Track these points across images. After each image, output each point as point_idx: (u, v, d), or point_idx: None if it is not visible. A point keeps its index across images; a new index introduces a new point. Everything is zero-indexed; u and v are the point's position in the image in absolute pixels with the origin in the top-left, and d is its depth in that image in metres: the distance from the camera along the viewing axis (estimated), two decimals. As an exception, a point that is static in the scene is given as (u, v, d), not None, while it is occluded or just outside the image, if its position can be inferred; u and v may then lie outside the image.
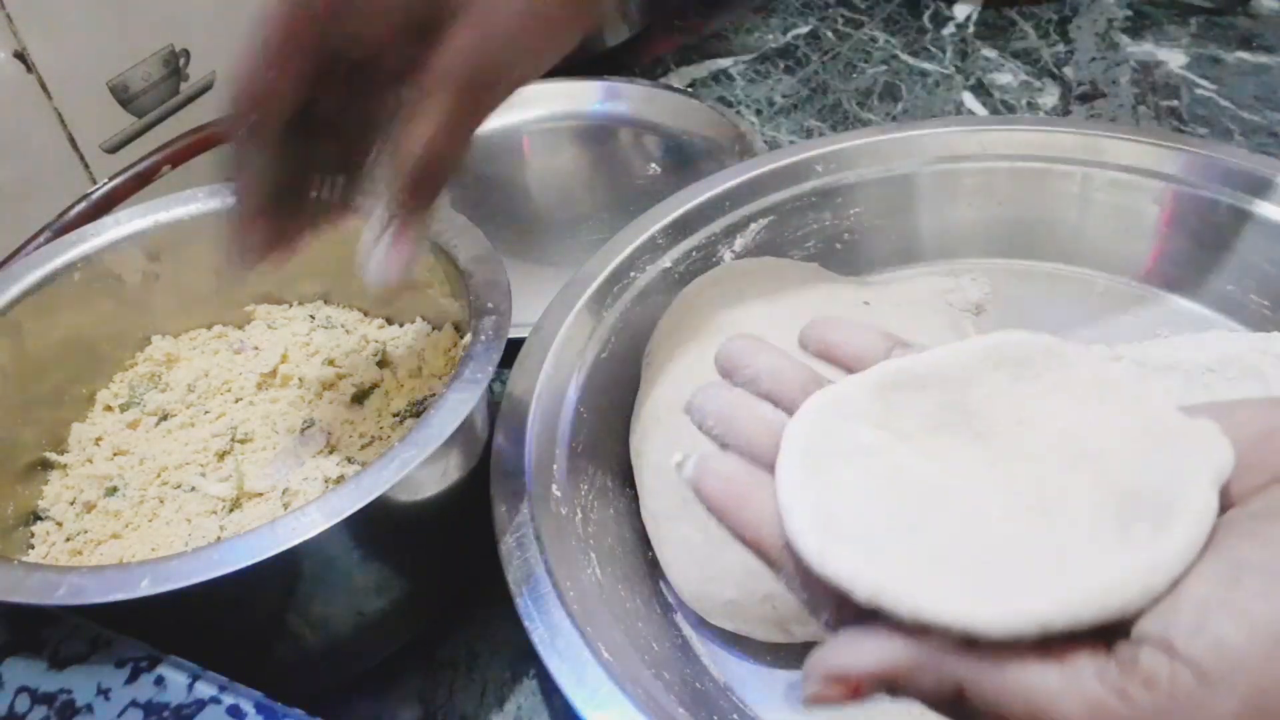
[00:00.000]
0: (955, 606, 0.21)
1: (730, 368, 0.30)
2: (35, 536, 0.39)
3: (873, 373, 0.27)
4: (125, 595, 0.29)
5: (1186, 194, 0.51)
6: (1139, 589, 0.21)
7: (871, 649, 0.22)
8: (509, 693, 0.40)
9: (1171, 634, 0.20)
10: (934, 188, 0.55)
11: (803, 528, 0.24)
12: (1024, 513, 0.23)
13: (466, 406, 0.34)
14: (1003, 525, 0.22)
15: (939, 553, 0.22)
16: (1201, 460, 0.22)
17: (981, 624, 0.21)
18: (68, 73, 0.53)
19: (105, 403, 0.43)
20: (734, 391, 0.29)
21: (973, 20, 0.82)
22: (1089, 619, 0.21)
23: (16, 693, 0.31)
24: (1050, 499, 0.23)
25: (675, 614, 0.41)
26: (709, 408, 0.29)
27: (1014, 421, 0.25)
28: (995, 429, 0.25)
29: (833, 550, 0.23)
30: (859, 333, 0.29)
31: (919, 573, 0.22)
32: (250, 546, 0.30)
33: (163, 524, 0.38)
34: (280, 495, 0.38)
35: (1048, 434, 0.24)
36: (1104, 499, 0.23)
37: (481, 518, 0.38)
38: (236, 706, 0.30)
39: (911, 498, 0.24)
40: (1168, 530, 0.21)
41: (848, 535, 0.23)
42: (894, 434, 0.25)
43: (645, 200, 0.52)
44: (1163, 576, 0.21)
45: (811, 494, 0.24)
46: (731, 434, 0.28)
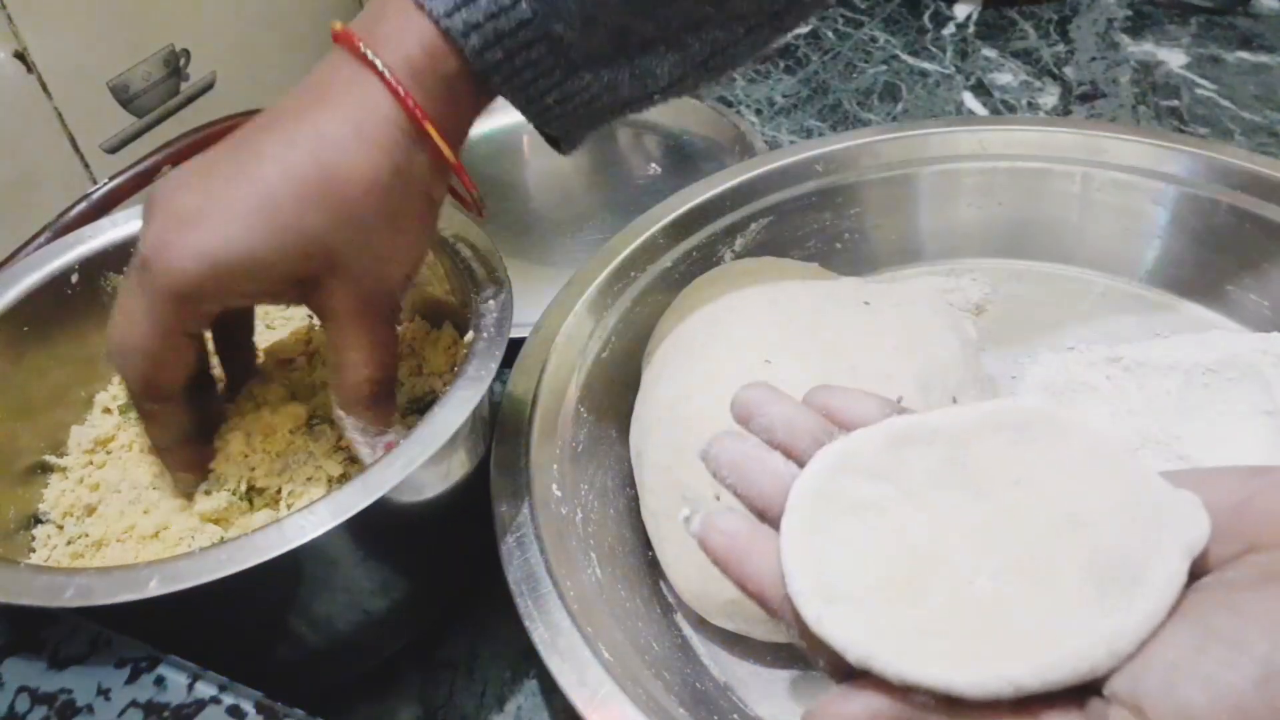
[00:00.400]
0: (937, 670, 0.23)
1: (746, 416, 0.31)
2: (36, 540, 0.38)
3: (884, 426, 0.29)
4: (134, 596, 0.29)
5: (1187, 194, 0.51)
6: (1105, 653, 0.23)
7: (861, 706, 0.24)
8: (509, 693, 0.40)
9: (1140, 694, 0.22)
10: (934, 188, 0.55)
11: (803, 589, 0.26)
12: (1011, 575, 0.25)
13: (470, 404, 0.34)
14: (990, 586, 0.25)
15: (927, 617, 0.24)
16: (1176, 532, 0.24)
17: (960, 686, 0.23)
18: (68, 73, 0.53)
19: (104, 405, 0.43)
20: (747, 442, 0.30)
21: (973, 20, 0.82)
22: (1059, 681, 0.23)
23: (16, 693, 0.31)
24: (1036, 561, 0.25)
25: (675, 614, 0.41)
26: (723, 458, 0.30)
27: (1010, 482, 0.27)
28: (993, 488, 0.27)
29: (829, 615, 0.25)
30: (859, 399, 0.31)
31: (907, 637, 0.24)
32: (257, 546, 0.30)
33: (164, 526, 0.38)
34: (286, 495, 0.38)
35: (1040, 497, 0.26)
36: (1086, 563, 0.24)
37: (482, 517, 0.38)
38: (236, 706, 0.30)
39: (907, 558, 0.26)
40: (1134, 597, 0.23)
41: (844, 597, 0.25)
42: (898, 487, 0.27)
43: (645, 200, 0.52)
44: (1127, 642, 0.23)
45: (813, 557, 0.26)
46: (743, 484, 0.30)
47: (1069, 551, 0.25)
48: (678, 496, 0.39)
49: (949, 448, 0.28)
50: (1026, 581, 0.24)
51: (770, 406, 0.30)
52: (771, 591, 0.27)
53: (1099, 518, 0.25)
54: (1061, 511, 0.26)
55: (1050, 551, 0.25)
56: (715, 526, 0.28)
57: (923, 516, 0.26)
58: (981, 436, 0.28)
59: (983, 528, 0.26)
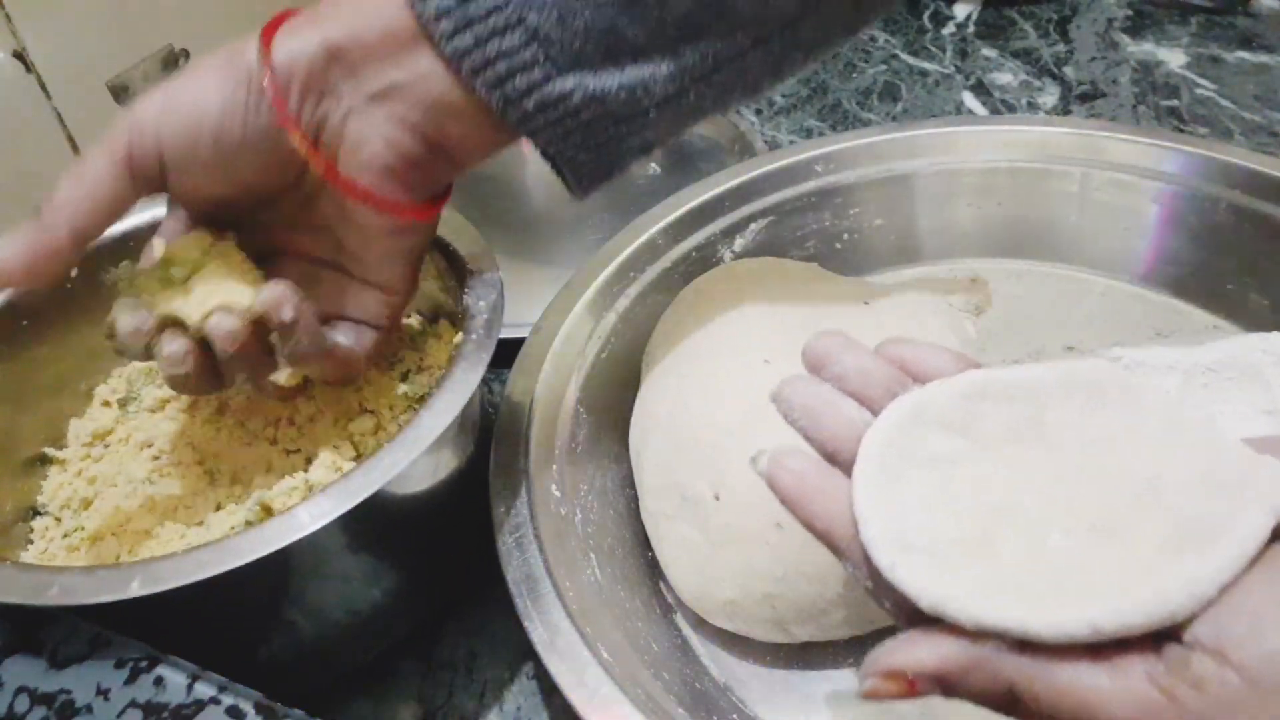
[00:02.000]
0: (1013, 614, 0.22)
1: (818, 364, 0.30)
2: (34, 532, 0.39)
3: (961, 379, 0.28)
4: (116, 596, 0.30)
5: (1186, 194, 0.51)
6: (1186, 597, 0.22)
7: (929, 649, 0.23)
8: (508, 693, 0.40)
9: (1224, 640, 0.21)
10: (934, 188, 0.55)
11: (876, 535, 0.25)
12: (1085, 532, 0.24)
13: (454, 410, 0.34)
14: (1065, 542, 0.24)
15: (1001, 568, 0.24)
16: (1262, 494, 0.24)
17: (1037, 628, 0.22)
18: (67, 72, 0.53)
19: (104, 398, 0.43)
20: (821, 386, 0.30)
21: (973, 20, 0.82)
22: (1139, 624, 0.22)
23: (16, 693, 0.31)
24: (1113, 521, 0.24)
25: (675, 614, 0.41)
26: (795, 400, 0.30)
27: (1087, 441, 0.26)
28: (1069, 447, 0.26)
29: (903, 561, 0.24)
30: (934, 353, 0.30)
31: (981, 586, 0.23)
32: (240, 548, 0.31)
33: (158, 523, 0.38)
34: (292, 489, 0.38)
35: (1118, 459, 0.26)
36: (1165, 527, 0.24)
37: (481, 517, 0.38)
38: (236, 707, 0.30)
39: (981, 510, 0.25)
40: (1216, 544, 0.23)
41: (917, 546, 0.25)
42: (973, 441, 0.27)
43: (645, 200, 0.52)
44: (1208, 586, 0.22)
45: (886, 503, 0.26)
46: (815, 427, 0.29)
47: (1147, 515, 0.24)
48: (677, 497, 0.39)
49: (1025, 405, 0.27)
50: (1103, 539, 0.24)
51: (844, 355, 0.30)
52: (841, 532, 0.26)
53: (1179, 483, 0.25)
54: (1140, 476, 0.25)
55: (1127, 513, 0.24)
56: (784, 465, 0.28)
57: (997, 471, 0.26)
58: (1058, 395, 0.27)
59: (1058, 485, 0.25)
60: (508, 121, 0.33)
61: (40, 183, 0.54)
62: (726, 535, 0.38)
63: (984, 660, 0.23)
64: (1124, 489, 0.25)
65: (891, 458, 0.27)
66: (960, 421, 0.27)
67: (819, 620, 0.38)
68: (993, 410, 0.27)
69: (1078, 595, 0.23)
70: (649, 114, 0.34)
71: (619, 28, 0.32)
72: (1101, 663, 0.22)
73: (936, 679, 0.23)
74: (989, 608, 0.23)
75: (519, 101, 0.32)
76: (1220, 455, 0.25)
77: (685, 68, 0.33)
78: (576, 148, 0.34)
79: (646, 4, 0.31)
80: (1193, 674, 0.21)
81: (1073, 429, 0.27)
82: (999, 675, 0.23)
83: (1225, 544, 0.23)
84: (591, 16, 0.31)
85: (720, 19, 0.32)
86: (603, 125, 0.33)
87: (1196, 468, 0.25)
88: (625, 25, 0.32)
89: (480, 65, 0.32)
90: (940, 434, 0.27)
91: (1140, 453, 0.26)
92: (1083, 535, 0.24)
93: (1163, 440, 0.26)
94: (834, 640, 0.39)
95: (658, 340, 0.46)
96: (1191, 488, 0.25)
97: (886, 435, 0.27)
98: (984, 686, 0.23)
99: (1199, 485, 0.25)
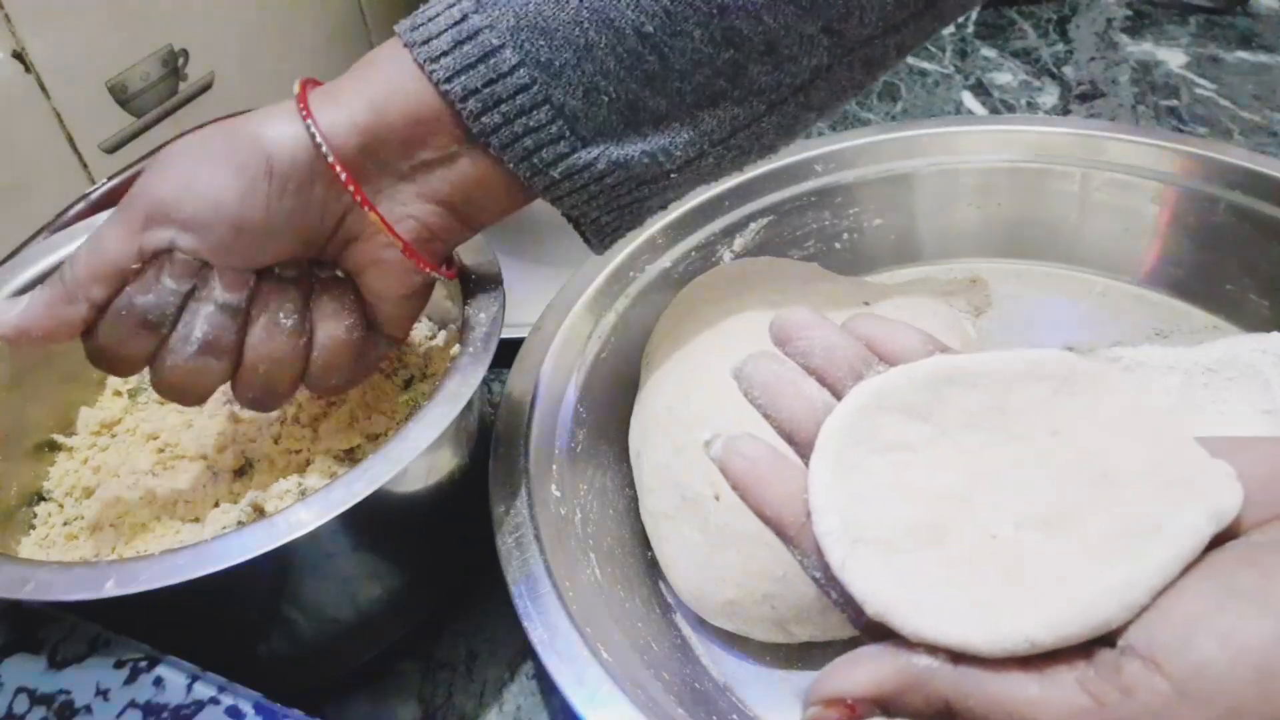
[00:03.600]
0: (952, 628, 0.23)
1: (784, 338, 0.30)
2: (38, 517, 0.39)
3: (926, 364, 0.28)
4: (90, 595, 0.30)
5: (1186, 194, 0.51)
6: (1118, 605, 0.22)
7: (866, 673, 0.24)
8: (508, 693, 0.40)
9: (1156, 647, 0.22)
10: (933, 187, 0.55)
11: (830, 529, 0.25)
12: (1036, 525, 0.24)
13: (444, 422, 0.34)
14: (1013, 535, 0.24)
15: (948, 565, 0.24)
16: (1205, 498, 0.24)
17: (976, 644, 0.23)
18: (66, 72, 0.53)
19: (115, 388, 0.43)
20: (783, 365, 0.30)
21: (972, 20, 0.82)
22: (1074, 635, 0.22)
23: (15, 693, 0.31)
24: (1063, 513, 0.25)
25: (674, 614, 0.41)
26: (756, 378, 0.30)
27: (1048, 431, 0.26)
28: (1030, 436, 0.26)
29: (853, 559, 0.25)
30: (903, 330, 0.30)
31: (925, 588, 0.24)
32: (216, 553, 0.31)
33: (155, 517, 0.38)
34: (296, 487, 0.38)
35: (1075, 449, 0.26)
36: (1111, 519, 0.24)
37: (481, 517, 0.38)
38: (235, 707, 0.30)
39: (936, 498, 0.25)
40: (1153, 548, 0.23)
41: (868, 538, 0.25)
42: (934, 427, 0.27)
43: (644, 200, 0.52)
44: (1139, 593, 0.22)
45: (841, 493, 0.26)
46: (774, 407, 0.29)
47: (1097, 506, 0.25)
48: (677, 497, 0.39)
49: (990, 392, 0.27)
50: (1050, 533, 0.24)
51: (811, 330, 0.30)
52: (790, 519, 0.27)
53: (1130, 477, 0.25)
54: (1095, 466, 0.25)
55: (1079, 504, 0.25)
56: (737, 450, 0.28)
57: (955, 458, 0.26)
58: (1024, 384, 0.27)
59: (1014, 474, 0.26)
60: (534, 189, 0.34)
61: (39, 183, 0.54)
62: (726, 535, 0.38)
63: (919, 681, 0.23)
64: (1079, 479, 0.25)
65: (850, 445, 0.27)
66: (923, 407, 0.27)
67: (819, 620, 0.38)
68: (956, 396, 0.27)
69: (1018, 602, 0.23)
70: (670, 176, 0.35)
71: (641, 100, 0.33)
72: (1032, 671, 0.22)
73: (874, 702, 0.24)
74: (931, 620, 0.23)
75: (546, 171, 0.33)
76: (1174, 452, 0.25)
77: (704, 133, 0.34)
78: (600, 209, 0.35)
79: (667, 76, 0.32)
80: (1123, 680, 0.21)
81: (1035, 417, 0.27)
82: (935, 694, 0.23)
83: (1161, 549, 0.23)
84: (615, 91, 0.32)
85: (736, 87, 0.33)
86: (626, 188, 0.35)
87: (1149, 462, 0.25)
88: (647, 97, 0.33)
89: (509, 141, 0.33)
90: (901, 420, 0.27)
91: (1098, 443, 0.26)
92: (1032, 528, 0.24)
93: (1122, 432, 0.26)
94: (834, 640, 0.39)
95: (657, 340, 0.46)
96: (1141, 482, 0.25)
97: (846, 422, 0.27)
98: (920, 706, 0.23)
99: (1149, 481, 0.25)
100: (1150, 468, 0.25)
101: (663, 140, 0.34)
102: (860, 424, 0.27)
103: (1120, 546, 0.23)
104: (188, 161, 0.33)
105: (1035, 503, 0.25)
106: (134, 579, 0.30)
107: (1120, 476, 0.25)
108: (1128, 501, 0.24)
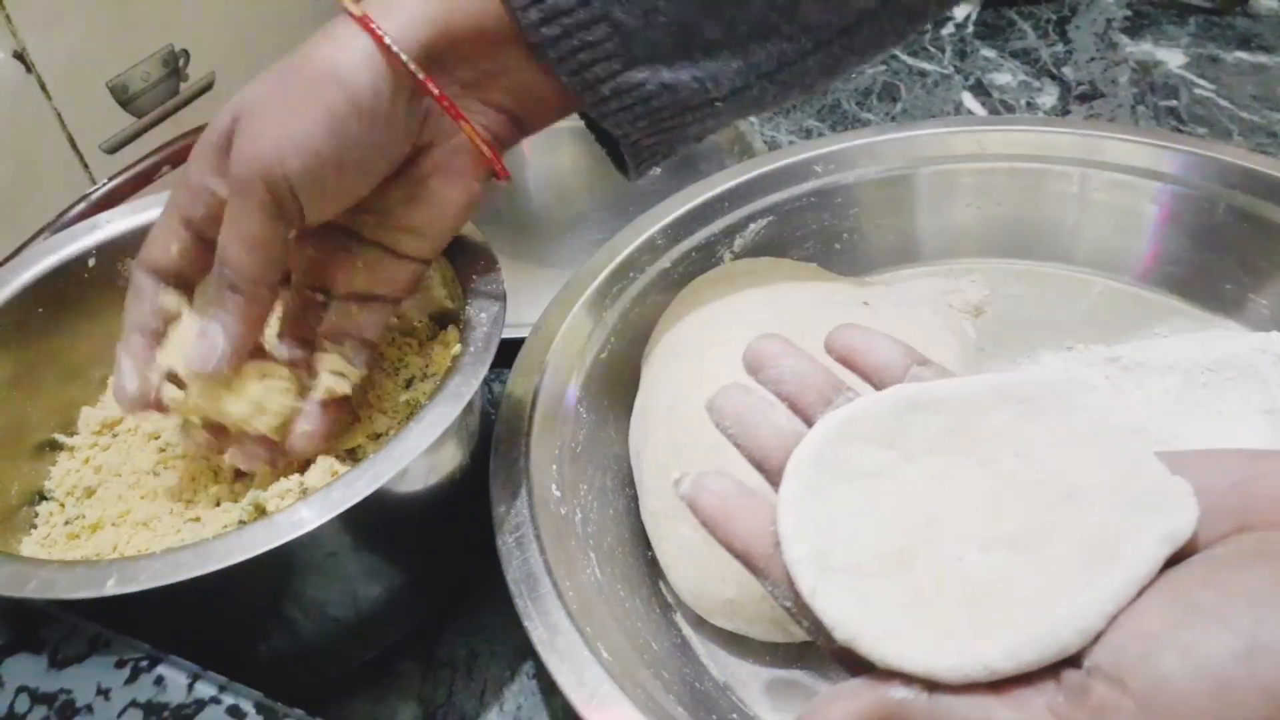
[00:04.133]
0: (917, 655, 0.23)
1: (756, 366, 0.31)
2: (39, 517, 0.39)
3: (892, 392, 0.29)
4: (92, 593, 0.30)
5: (1185, 194, 0.51)
6: (1074, 631, 0.23)
7: (841, 710, 0.24)
8: (508, 693, 0.40)
9: (1120, 666, 0.22)
10: (933, 188, 0.55)
11: (800, 558, 0.26)
12: (1002, 548, 0.25)
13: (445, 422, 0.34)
14: (979, 559, 0.25)
15: (915, 590, 0.25)
16: (1161, 518, 0.24)
17: (939, 672, 0.23)
18: (67, 73, 0.53)
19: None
20: (753, 395, 0.30)
21: (972, 20, 0.82)
22: (1033, 662, 0.23)
23: (16, 693, 0.31)
24: (1029, 535, 0.25)
25: (675, 613, 0.41)
26: (727, 409, 0.30)
27: (1013, 454, 0.27)
28: (995, 458, 0.27)
29: (823, 587, 0.25)
30: (883, 344, 0.30)
31: (893, 615, 0.24)
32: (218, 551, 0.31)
33: (156, 516, 0.38)
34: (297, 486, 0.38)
35: (1041, 470, 0.26)
36: (1074, 540, 0.25)
37: (481, 517, 0.38)
38: (236, 707, 0.30)
39: (904, 524, 0.26)
40: (1110, 571, 0.23)
41: (837, 565, 0.25)
42: (901, 453, 0.27)
43: (645, 200, 0.52)
44: (1094, 619, 0.23)
45: (811, 521, 0.26)
46: (745, 436, 0.30)
47: (1062, 527, 0.25)
48: (677, 497, 0.39)
49: (955, 417, 0.28)
50: (1016, 555, 0.25)
51: (782, 360, 0.31)
52: (759, 550, 0.27)
53: (1094, 495, 0.25)
54: (1059, 486, 0.26)
55: (1044, 525, 0.25)
56: (705, 487, 0.29)
57: (922, 483, 0.27)
58: (990, 407, 0.28)
59: (981, 498, 0.26)
60: (584, 102, 0.36)
61: (39, 183, 0.54)
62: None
63: (896, 713, 0.24)
64: (1042, 500, 0.26)
65: (818, 474, 0.27)
66: (890, 434, 0.28)
67: (819, 620, 0.38)
68: (922, 422, 0.28)
69: (981, 627, 0.23)
70: (714, 104, 0.36)
71: (697, 26, 0.34)
72: (1004, 696, 0.23)
73: None
74: (896, 647, 0.24)
75: (596, 87, 0.35)
76: (1136, 470, 0.26)
77: (753, 65, 0.36)
78: (642, 131, 0.37)
79: (724, 5, 0.34)
80: (1091, 701, 0.22)
81: (1000, 439, 0.27)
82: None
83: (1117, 573, 0.23)
84: (673, 15, 0.34)
85: (788, 23, 0.35)
86: (670, 112, 0.36)
87: (1112, 480, 0.26)
88: (703, 24, 0.34)
89: (565, 54, 0.34)
90: (869, 447, 0.27)
91: (1063, 463, 0.26)
92: (998, 551, 0.25)
93: (1086, 450, 0.27)
94: (834, 640, 0.39)
95: (657, 340, 0.46)
96: (1105, 501, 0.25)
97: (814, 452, 0.28)
98: None
99: (1111, 498, 0.25)
100: (1113, 486, 0.25)
101: (712, 68, 0.35)
102: (828, 452, 0.27)
103: (1080, 570, 0.24)
104: (277, 117, 0.33)
105: (1002, 524, 0.25)
106: (136, 577, 0.30)
107: (1084, 495, 0.25)
108: (1091, 520, 0.25)
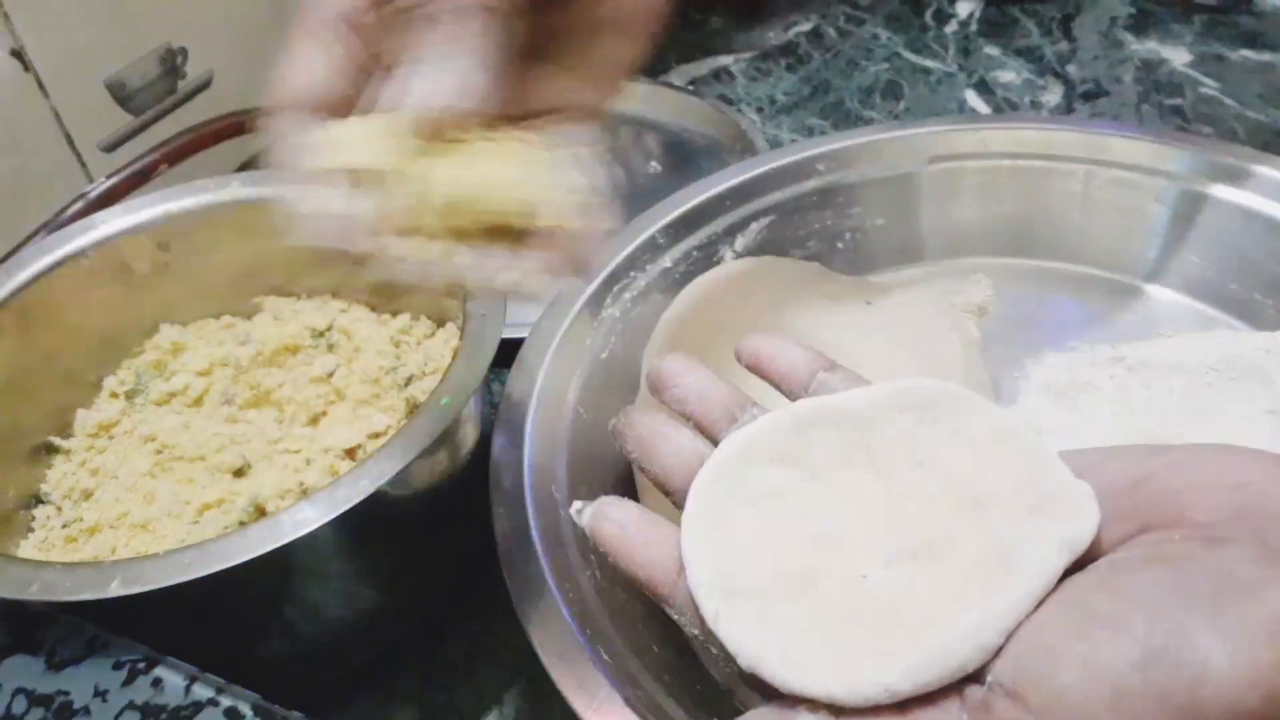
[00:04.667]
0: (817, 679, 0.24)
1: (660, 386, 0.31)
2: (36, 520, 0.39)
3: (789, 410, 0.29)
4: (95, 595, 0.30)
5: (1190, 192, 0.51)
6: (972, 648, 0.23)
7: None
8: (508, 695, 0.40)
9: (1019, 680, 0.22)
10: (936, 186, 0.55)
11: (702, 583, 0.26)
12: (905, 561, 0.25)
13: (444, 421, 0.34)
14: (882, 575, 0.25)
15: (818, 611, 0.24)
16: (1061, 524, 0.24)
17: (839, 695, 0.23)
18: (65, 71, 0.53)
19: (111, 389, 0.43)
20: (655, 418, 0.30)
21: (975, 18, 0.81)
22: (932, 681, 0.23)
23: (14, 694, 0.31)
24: (931, 546, 0.25)
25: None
26: (629, 433, 0.30)
27: (914, 463, 0.27)
28: (896, 468, 0.27)
29: (725, 612, 0.25)
30: (790, 350, 0.30)
31: (795, 638, 0.24)
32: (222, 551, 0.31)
33: (154, 518, 0.38)
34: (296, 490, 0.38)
35: (942, 478, 0.26)
36: (976, 550, 0.24)
37: (481, 517, 0.38)
38: (234, 708, 0.30)
39: (806, 546, 0.26)
40: (1007, 584, 0.23)
41: (740, 589, 0.25)
42: (804, 470, 0.27)
43: (645, 199, 0.52)
44: (991, 634, 0.23)
45: (713, 545, 0.26)
46: (647, 459, 0.30)
47: (964, 536, 0.25)
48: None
49: (855, 429, 0.27)
50: (919, 568, 0.24)
51: (684, 378, 0.30)
52: (661, 579, 0.27)
53: (997, 500, 0.25)
54: (962, 494, 0.26)
55: (946, 535, 0.25)
56: (605, 516, 0.28)
57: (825, 500, 0.26)
58: (887, 417, 0.28)
59: (884, 510, 0.26)
60: None
61: (37, 181, 0.54)
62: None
63: None
64: (944, 509, 0.25)
65: (721, 497, 0.27)
66: (792, 451, 0.27)
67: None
68: (822, 437, 0.27)
69: (882, 647, 0.23)
70: None
71: None
72: (908, 717, 0.23)
73: None
74: (797, 671, 0.24)
75: None
76: (1039, 473, 0.25)
77: None
78: None
79: None
80: (993, 718, 0.22)
81: (901, 449, 0.27)
82: None
83: (1015, 585, 0.23)
84: None
85: None
86: None
87: (1014, 485, 0.25)
88: None
89: None
90: (771, 467, 0.27)
91: (964, 469, 0.26)
92: (901, 565, 0.25)
93: (988, 454, 0.26)
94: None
95: (657, 340, 0.46)
96: (1008, 506, 0.25)
97: (716, 473, 0.27)
98: None
99: (1014, 504, 0.25)
100: (1014, 492, 0.25)
101: None
102: (730, 474, 0.27)
103: (980, 582, 0.24)
104: None
105: (906, 536, 0.25)
106: (139, 578, 0.30)
107: (987, 500, 0.25)
108: (994, 528, 0.25)
